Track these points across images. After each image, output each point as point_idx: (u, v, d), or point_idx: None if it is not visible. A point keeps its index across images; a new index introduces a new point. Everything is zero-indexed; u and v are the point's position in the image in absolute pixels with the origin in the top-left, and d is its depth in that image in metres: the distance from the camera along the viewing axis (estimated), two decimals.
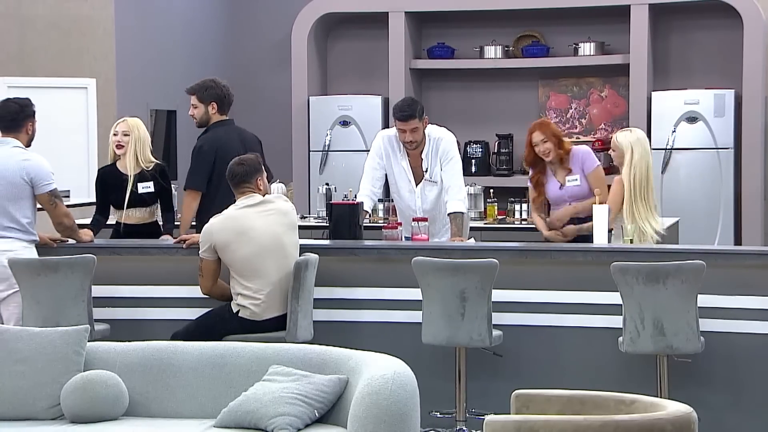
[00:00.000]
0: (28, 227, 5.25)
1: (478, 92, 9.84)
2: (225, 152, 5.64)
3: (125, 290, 5.49)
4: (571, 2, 9.32)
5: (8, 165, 5.20)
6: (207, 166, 5.71)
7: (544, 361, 5.25)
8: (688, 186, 8.98)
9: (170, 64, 9.69)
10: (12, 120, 5.29)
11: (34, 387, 4.04)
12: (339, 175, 9.08)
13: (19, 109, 5.32)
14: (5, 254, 5.14)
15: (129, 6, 9.21)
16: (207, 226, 5.07)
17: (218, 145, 5.74)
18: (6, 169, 5.19)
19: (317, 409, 3.81)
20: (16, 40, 8.91)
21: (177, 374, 4.08)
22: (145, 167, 5.75)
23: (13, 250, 5.16)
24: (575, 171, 5.81)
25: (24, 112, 5.32)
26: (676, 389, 4.80)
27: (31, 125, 5.36)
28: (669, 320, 4.72)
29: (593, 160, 5.88)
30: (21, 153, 5.25)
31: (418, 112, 5.71)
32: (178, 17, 10.00)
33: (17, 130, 5.29)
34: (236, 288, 5.02)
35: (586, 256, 5.26)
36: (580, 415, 2.89)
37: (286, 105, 9.86)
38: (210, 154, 5.72)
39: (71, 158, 8.78)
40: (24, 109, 5.33)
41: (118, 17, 9.03)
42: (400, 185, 5.89)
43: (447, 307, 4.93)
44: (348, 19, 9.95)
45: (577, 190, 5.81)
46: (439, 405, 5.14)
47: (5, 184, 5.18)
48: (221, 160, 5.65)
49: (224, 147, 5.71)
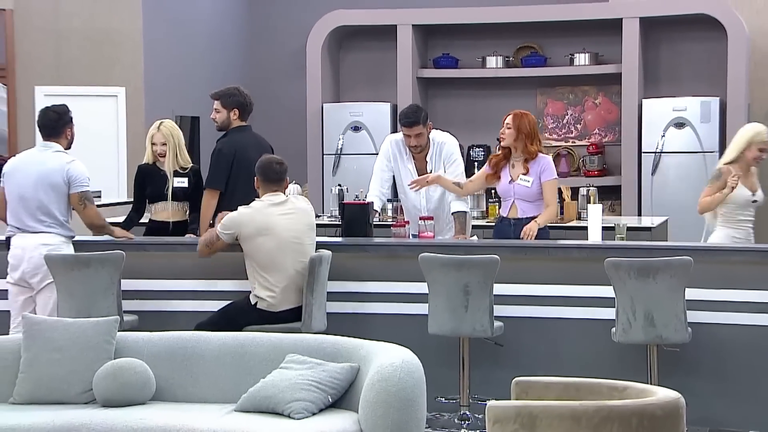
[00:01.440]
0: (66, 224, 5.30)
1: (481, 99, 9.82)
2: (242, 155, 5.67)
3: (152, 284, 5.49)
4: (567, 16, 9.30)
5: (51, 166, 5.26)
6: (226, 167, 5.71)
7: (543, 351, 5.23)
8: (676, 187, 8.95)
9: (194, 73, 9.69)
10: (52, 128, 5.34)
11: (69, 374, 4.04)
12: (351, 177, 9.06)
13: (57, 117, 5.37)
14: (46, 247, 5.17)
15: (156, 20, 9.22)
16: (236, 215, 5.04)
17: (236, 148, 5.74)
18: (49, 171, 5.24)
19: (330, 394, 3.80)
20: (52, 52, 8.93)
21: (200, 362, 4.08)
22: (182, 167, 5.78)
23: (52, 244, 5.20)
24: (532, 174, 5.52)
25: (62, 120, 5.37)
26: (665, 377, 4.78)
27: (69, 131, 5.40)
28: (659, 312, 4.70)
29: (552, 172, 5.55)
30: (63, 156, 5.31)
31: (422, 118, 5.70)
32: (202, 30, 10.01)
33: (57, 136, 5.35)
34: (255, 278, 5.01)
35: (581, 253, 5.25)
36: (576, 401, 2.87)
37: (301, 111, 9.85)
38: (229, 156, 5.72)
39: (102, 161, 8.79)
40: (62, 117, 5.37)
41: (146, 30, 9.03)
42: (406, 186, 5.88)
43: (451, 300, 4.92)
44: (359, 32, 9.94)
45: (524, 191, 5.51)
46: (444, 391, 5.13)
47: (47, 184, 5.23)
48: (238, 162, 5.68)
49: (242, 150, 5.72)
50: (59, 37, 8.93)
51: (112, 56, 8.96)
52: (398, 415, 3.57)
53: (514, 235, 5.46)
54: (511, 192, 5.56)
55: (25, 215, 5.22)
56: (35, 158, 5.32)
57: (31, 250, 5.17)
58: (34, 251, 5.16)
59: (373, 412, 3.59)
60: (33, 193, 5.21)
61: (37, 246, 5.17)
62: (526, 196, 5.53)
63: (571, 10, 9.29)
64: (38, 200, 5.21)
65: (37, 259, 5.15)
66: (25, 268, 5.18)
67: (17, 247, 5.20)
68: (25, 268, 5.18)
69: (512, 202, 5.56)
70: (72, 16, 8.93)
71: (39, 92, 8.81)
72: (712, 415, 5.01)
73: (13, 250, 5.21)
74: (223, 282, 5.40)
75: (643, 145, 9.04)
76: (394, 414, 3.57)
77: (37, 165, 5.27)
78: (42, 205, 5.21)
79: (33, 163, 5.28)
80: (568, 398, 3.05)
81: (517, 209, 5.54)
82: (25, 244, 5.19)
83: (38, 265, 5.15)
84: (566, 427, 2.73)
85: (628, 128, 9.13)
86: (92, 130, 8.90)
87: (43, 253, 5.14)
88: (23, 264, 5.18)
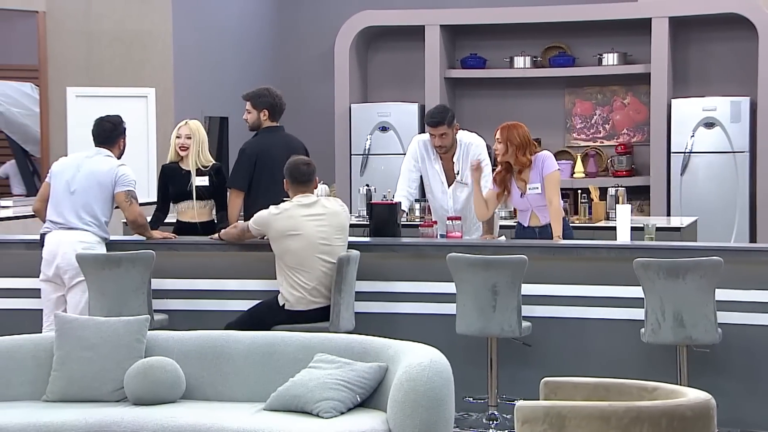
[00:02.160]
0: (104, 225, 5.37)
1: (508, 100, 9.80)
2: (265, 156, 5.70)
3: (182, 283, 5.52)
4: (595, 15, 9.25)
5: (102, 168, 5.35)
6: (248, 167, 5.74)
7: (571, 351, 5.21)
8: (706, 187, 8.89)
9: (223, 74, 9.74)
10: (107, 137, 5.45)
11: (100, 372, 4.08)
12: (378, 177, 9.07)
13: (113, 127, 5.47)
14: (81, 245, 5.23)
15: (186, 22, 9.27)
16: (266, 214, 5.05)
17: (260, 149, 5.76)
18: (99, 171, 5.33)
19: (359, 394, 3.80)
20: (83, 53, 9.02)
21: (230, 361, 4.09)
22: (204, 165, 5.81)
23: (88, 242, 5.26)
24: (535, 178, 5.45)
25: (117, 130, 5.47)
26: (694, 378, 4.74)
27: (122, 141, 5.51)
28: (688, 313, 4.67)
29: (551, 166, 5.46)
30: (113, 160, 5.42)
31: (447, 119, 5.68)
32: (231, 32, 10.05)
33: (110, 145, 5.45)
34: (284, 278, 5.03)
35: (610, 253, 5.22)
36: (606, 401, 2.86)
37: (329, 112, 9.87)
38: (252, 157, 5.75)
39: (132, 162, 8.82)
40: (117, 127, 5.48)
41: (176, 32, 9.09)
42: (433, 186, 5.87)
43: (479, 300, 4.91)
44: (387, 32, 9.94)
45: (537, 198, 5.46)
46: (472, 391, 5.12)
47: (96, 184, 5.31)
48: (261, 162, 5.70)
49: (265, 151, 5.74)
50: (90, 38, 9.01)
51: (143, 57, 9.03)
52: (426, 414, 3.57)
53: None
54: (527, 203, 5.52)
55: (69, 211, 5.27)
56: (85, 161, 5.40)
57: (66, 246, 5.22)
58: (69, 247, 5.21)
59: (401, 412, 3.59)
60: (82, 190, 5.28)
61: (73, 243, 5.22)
62: (541, 202, 5.48)
63: (600, 10, 9.24)
64: (85, 197, 5.28)
65: (71, 255, 5.20)
66: (59, 263, 5.22)
67: (52, 243, 5.25)
68: (60, 263, 5.21)
69: (531, 212, 5.54)
70: (103, 17, 9.00)
71: (70, 93, 8.90)
72: (743, 416, 4.97)
73: (48, 246, 5.26)
74: (252, 281, 5.42)
75: (672, 145, 8.98)
76: (422, 414, 3.57)
77: (89, 164, 5.36)
78: (87, 203, 5.28)
79: (85, 163, 5.37)
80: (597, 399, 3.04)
81: (538, 217, 5.52)
82: (62, 240, 5.23)
83: (72, 261, 5.20)
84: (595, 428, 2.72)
85: (657, 128, 9.07)
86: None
87: (77, 249, 5.19)
88: (57, 259, 5.22)
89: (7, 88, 10.12)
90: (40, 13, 8.91)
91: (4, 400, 4.07)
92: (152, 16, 9.03)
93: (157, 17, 9.03)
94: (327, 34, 10.10)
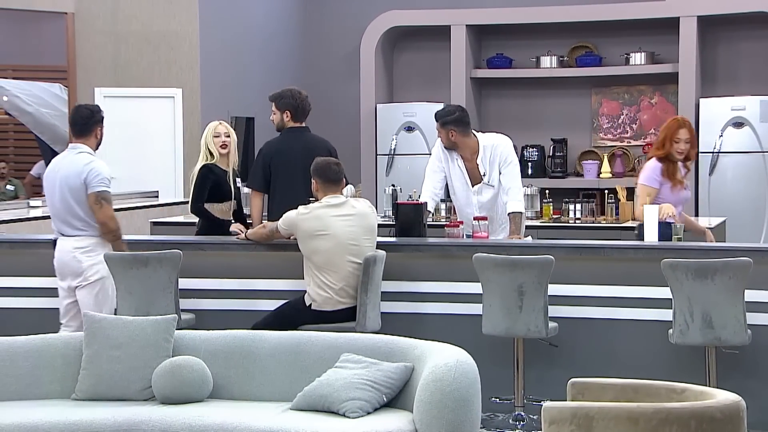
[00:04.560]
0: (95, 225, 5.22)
1: (535, 99, 9.77)
2: (282, 156, 5.72)
3: (209, 283, 5.54)
4: (622, 15, 9.21)
5: (73, 169, 5.22)
6: (264, 168, 5.77)
7: (598, 352, 5.18)
8: (734, 187, 8.81)
9: (249, 74, 9.78)
10: (84, 125, 5.29)
11: (128, 371, 4.10)
12: (404, 177, 9.07)
13: (90, 114, 5.32)
14: (78, 250, 5.17)
15: (212, 23, 9.32)
16: (294, 215, 5.05)
17: (276, 150, 5.79)
18: (70, 173, 5.21)
19: (385, 394, 3.80)
20: (111, 54, 9.09)
21: (257, 360, 4.11)
22: (236, 166, 5.85)
23: (85, 246, 5.18)
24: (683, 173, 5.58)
25: (94, 118, 5.32)
26: (724, 379, 4.70)
27: (99, 130, 5.34)
28: (717, 314, 4.63)
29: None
30: (85, 158, 5.25)
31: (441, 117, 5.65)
32: (257, 32, 10.09)
33: (87, 135, 5.29)
34: (311, 278, 5.03)
35: (637, 253, 5.18)
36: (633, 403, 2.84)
37: (355, 112, 9.88)
38: (267, 157, 5.78)
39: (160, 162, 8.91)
40: (94, 115, 5.33)
41: (202, 33, 9.15)
42: (456, 186, 5.84)
43: (506, 300, 4.90)
44: (413, 32, 9.94)
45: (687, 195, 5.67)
46: (498, 391, 5.10)
47: (70, 187, 5.20)
48: (276, 163, 5.73)
49: (282, 152, 5.76)
50: (118, 39, 9.08)
51: (170, 58, 9.09)
52: (453, 415, 3.57)
53: None
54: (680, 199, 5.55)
55: (58, 220, 5.24)
56: (60, 163, 5.30)
57: (65, 254, 5.19)
58: (68, 255, 5.18)
59: (427, 412, 3.59)
60: (59, 198, 5.20)
61: (70, 250, 5.18)
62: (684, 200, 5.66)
63: (627, 10, 9.19)
64: (64, 204, 5.19)
65: (69, 261, 5.16)
66: (63, 271, 5.21)
67: (57, 250, 5.24)
68: (63, 271, 5.21)
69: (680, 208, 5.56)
70: (131, 19, 9.08)
71: (98, 94, 8.97)
72: None
73: (57, 254, 5.25)
74: (279, 281, 5.43)
75: (700, 145, 8.90)
76: (448, 414, 3.56)
77: (60, 170, 5.25)
78: (68, 208, 5.19)
79: (57, 169, 5.27)
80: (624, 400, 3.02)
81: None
82: (62, 247, 5.22)
83: (71, 267, 5.16)
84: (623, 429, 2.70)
85: None
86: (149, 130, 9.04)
87: (76, 256, 5.16)
88: (62, 268, 5.21)
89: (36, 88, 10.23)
90: (69, 14, 8.99)
91: (34, 398, 4.11)
92: (179, 17, 9.09)
93: (184, 18, 9.08)
94: (353, 34, 10.12)
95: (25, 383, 4.15)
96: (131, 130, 8.87)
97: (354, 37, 10.04)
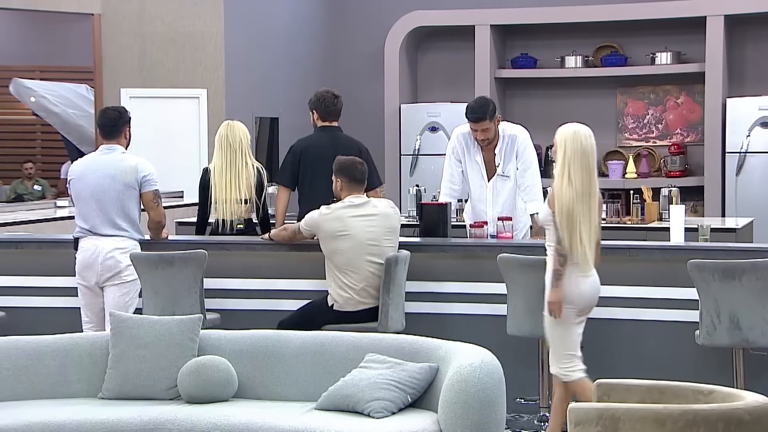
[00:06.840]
0: (138, 225, 5.30)
1: (559, 100, 9.73)
2: (310, 154, 5.79)
3: (234, 283, 5.56)
4: (648, 14, 9.15)
5: (121, 167, 5.21)
6: (292, 165, 5.83)
7: (624, 353, 5.16)
8: (762, 188, 8.73)
9: (274, 75, 9.80)
10: (113, 126, 5.30)
11: (154, 370, 4.12)
12: (428, 178, 9.06)
13: (118, 115, 5.35)
14: (119, 251, 5.16)
15: (237, 23, 9.35)
16: (316, 215, 5.08)
17: (304, 147, 5.85)
18: (120, 172, 5.20)
19: (410, 394, 3.80)
20: (137, 55, 9.14)
21: (281, 360, 4.12)
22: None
23: (125, 248, 5.18)
24: None
25: (122, 119, 5.34)
26: (752, 381, 4.66)
27: (128, 130, 5.37)
28: (744, 315, 4.59)
29: None
30: (131, 157, 5.29)
31: (488, 113, 5.64)
32: (282, 32, 10.11)
33: (117, 136, 5.31)
34: (332, 279, 5.04)
35: (663, 254, 5.15)
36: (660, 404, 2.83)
37: (379, 112, 9.88)
38: (296, 154, 5.84)
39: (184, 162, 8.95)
40: (122, 116, 5.36)
41: (227, 33, 9.18)
42: (472, 179, 5.82)
43: (530, 300, 4.87)
44: (437, 32, 9.93)
45: None
46: (523, 392, 5.09)
47: (120, 186, 5.19)
48: (305, 160, 5.79)
49: (310, 149, 5.81)
50: (144, 40, 9.14)
51: (195, 59, 9.13)
52: (478, 415, 3.56)
53: None
54: None
55: (99, 218, 5.16)
56: (104, 161, 5.26)
57: (105, 254, 5.15)
58: (108, 254, 5.14)
59: (452, 413, 3.58)
60: (110, 196, 5.17)
61: (111, 249, 5.15)
62: None
63: (653, 9, 9.14)
64: (116, 202, 5.18)
65: (111, 262, 5.14)
66: (98, 270, 5.16)
67: (87, 250, 5.17)
68: (99, 270, 5.16)
69: None
70: (156, 19, 9.12)
71: (124, 94, 9.03)
72: None
73: (84, 253, 5.18)
74: (302, 281, 5.45)
75: (727, 145, 8.85)
76: (473, 414, 3.56)
77: (108, 166, 5.22)
78: (119, 208, 5.18)
79: (104, 166, 5.23)
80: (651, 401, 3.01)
81: None
82: (99, 247, 5.16)
83: (111, 267, 5.14)
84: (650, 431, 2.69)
85: (711, 128, 8.94)
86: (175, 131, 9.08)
87: (116, 256, 5.14)
88: (96, 266, 5.15)
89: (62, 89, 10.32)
90: (95, 15, 9.06)
91: (62, 397, 4.15)
92: (204, 18, 9.13)
93: (209, 19, 9.12)
94: (377, 34, 10.12)
95: (53, 382, 4.18)
96: (156, 130, 8.91)
97: (378, 37, 10.05)
